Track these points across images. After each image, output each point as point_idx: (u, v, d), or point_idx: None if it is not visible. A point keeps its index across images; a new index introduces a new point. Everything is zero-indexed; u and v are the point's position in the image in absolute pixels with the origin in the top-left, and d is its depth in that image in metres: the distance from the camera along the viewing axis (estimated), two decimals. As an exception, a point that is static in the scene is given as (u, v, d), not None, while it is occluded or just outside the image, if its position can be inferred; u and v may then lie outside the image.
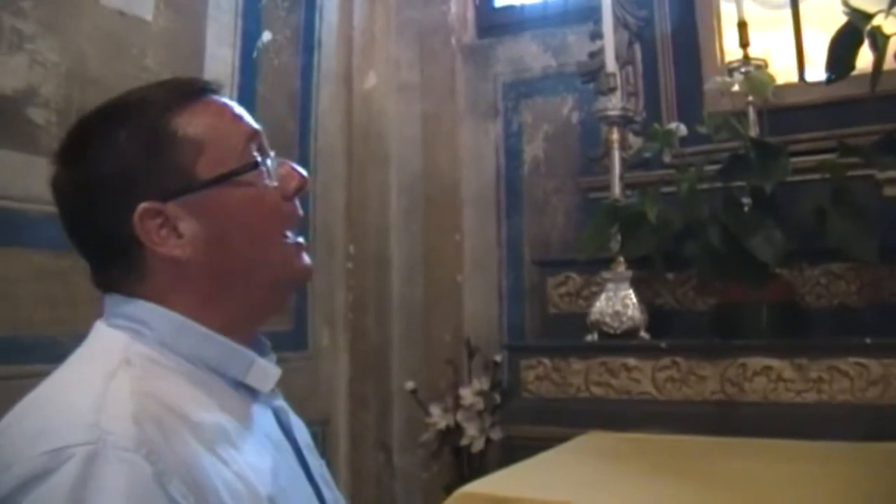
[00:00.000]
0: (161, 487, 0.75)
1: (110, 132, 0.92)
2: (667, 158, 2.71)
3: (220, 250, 0.93)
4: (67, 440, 0.74)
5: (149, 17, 2.38)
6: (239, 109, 0.99)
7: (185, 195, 0.91)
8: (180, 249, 0.91)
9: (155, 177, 0.90)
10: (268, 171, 0.96)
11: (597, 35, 2.76)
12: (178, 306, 0.91)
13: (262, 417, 0.95)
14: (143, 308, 0.91)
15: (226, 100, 0.99)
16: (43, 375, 0.88)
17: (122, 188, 0.90)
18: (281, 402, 1.02)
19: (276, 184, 0.96)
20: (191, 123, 0.93)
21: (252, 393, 0.95)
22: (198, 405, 0.86)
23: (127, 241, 0.90)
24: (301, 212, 1.01)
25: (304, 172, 1.01)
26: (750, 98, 2.47)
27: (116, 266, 0.93)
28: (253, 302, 0.97)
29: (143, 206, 0.89)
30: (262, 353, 1.00)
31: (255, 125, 0.99)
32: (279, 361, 1.00)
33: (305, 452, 1.00)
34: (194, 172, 0.91)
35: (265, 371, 0.96)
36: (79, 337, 0.94)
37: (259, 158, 0.96)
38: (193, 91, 0.97)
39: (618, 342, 2.45)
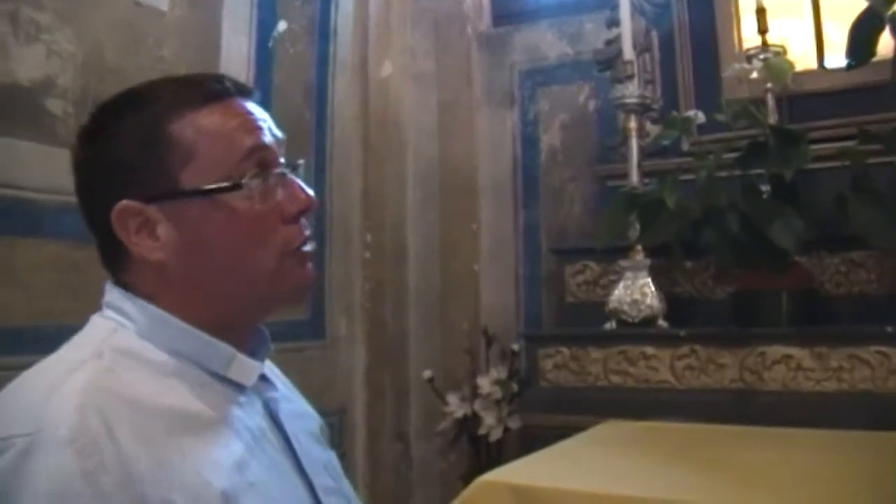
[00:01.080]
0: (86, 482, 0.74)
1: (119, 121, 0.91)
2: (685, 146, 2.70)
3: (195, 261, 0.91)
4: (13, 429, 0.76)
5: (164, 8, 2.38)
6: (253, 118, 0.94)
7: (167, 200, 0.89)
8: (155, 252, 0.90)
9: (144, 175, 0.89)
10: (255, 192, 0.91)
11: (613, 22, 2.74)
12: (162, 302, 0.91)
13: (249, 410, 0.94)
14: (127, 300, 0.91)
15: (246, 106, 0.95)
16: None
17: (115, 180, 0.90)
18: (273, 394, 1.00)
19: (259, 207, 0.91)
20: (190, 127, 0.90)
21: (237, 386, 0.93)
22: (167, 397, 0.85)
23: (112, 234, 0.90)
24: (307, 232, 0.96)
25: (311, 193, 0.96)
26: (769, 85, 2.45)
27: (109, 256, 0.94)
28: (237, 310, 0.95)
29: (123, 203, 0.88)
30: (260, 347, 1.00)
31: (266, 138, 0.94)
32: (296, 350, 0.99)
33: (297, 443, 0.98)
34: (179, 179, 0.89)
35: (247, 365, 0.94)
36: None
37: (248, 178, 0.90)
38: (207, 93, 0.93)
39: (636, 330, 2.44)
